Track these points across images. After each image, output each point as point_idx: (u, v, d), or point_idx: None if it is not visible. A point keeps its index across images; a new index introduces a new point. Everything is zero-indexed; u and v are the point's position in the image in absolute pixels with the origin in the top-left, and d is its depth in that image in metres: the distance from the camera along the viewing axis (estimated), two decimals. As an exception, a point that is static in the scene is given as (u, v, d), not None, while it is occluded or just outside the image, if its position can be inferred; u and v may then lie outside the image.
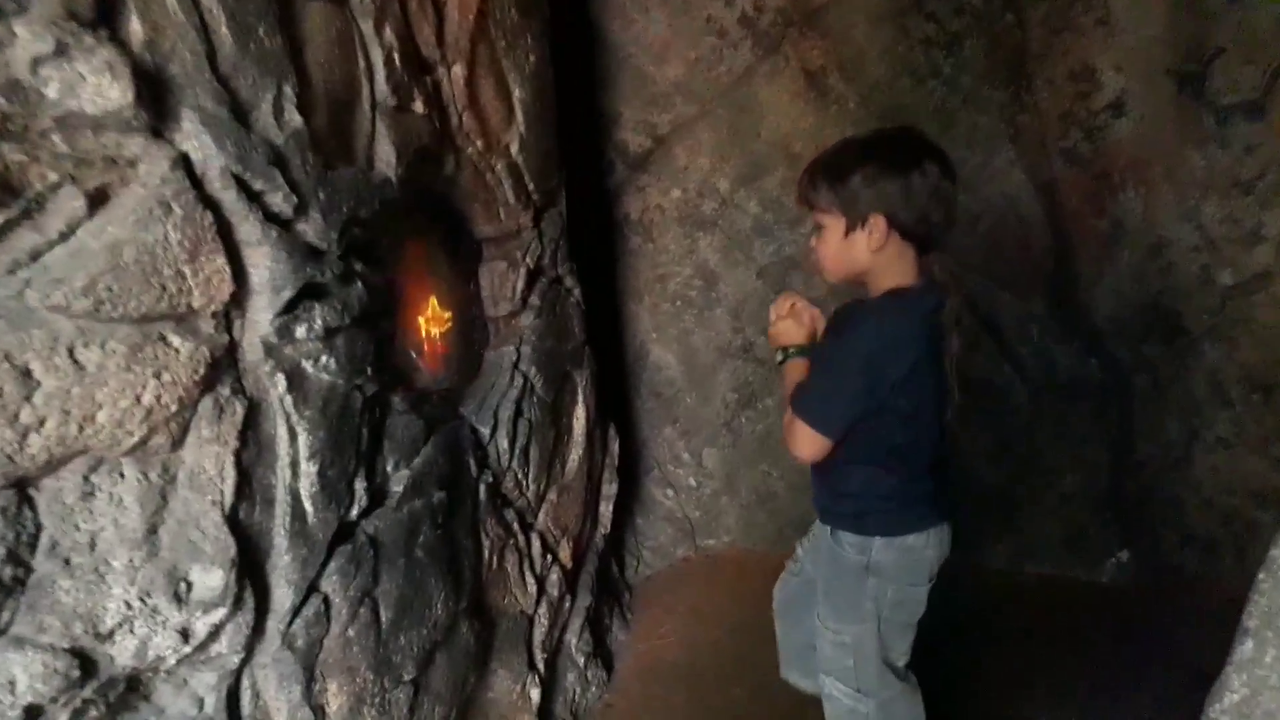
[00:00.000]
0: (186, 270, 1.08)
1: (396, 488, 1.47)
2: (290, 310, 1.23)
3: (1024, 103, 2.64)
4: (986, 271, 2.71)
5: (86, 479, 1.04)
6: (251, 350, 1.21)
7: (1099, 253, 2.67)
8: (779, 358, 1.60)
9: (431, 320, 1.74)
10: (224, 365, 1.17)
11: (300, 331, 1.25)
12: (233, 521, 1.16)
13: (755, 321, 3.00)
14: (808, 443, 1.43)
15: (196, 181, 1.10)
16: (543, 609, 2.04)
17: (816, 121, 2.85)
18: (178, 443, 1.12)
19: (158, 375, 1.07)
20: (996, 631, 2.57)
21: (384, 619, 1.41)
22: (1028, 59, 2.62)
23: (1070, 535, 2.88)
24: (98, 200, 1.03)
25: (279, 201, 1.19)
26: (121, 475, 1.07)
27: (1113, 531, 2.85)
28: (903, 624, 1.56)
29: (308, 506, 1.27)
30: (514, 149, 1.92)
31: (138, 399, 1.05)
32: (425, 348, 1.73)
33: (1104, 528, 2.85)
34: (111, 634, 1.05)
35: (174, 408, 1.09)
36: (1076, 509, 2.87)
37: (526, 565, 1.97)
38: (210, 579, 1.13)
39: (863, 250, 1.42)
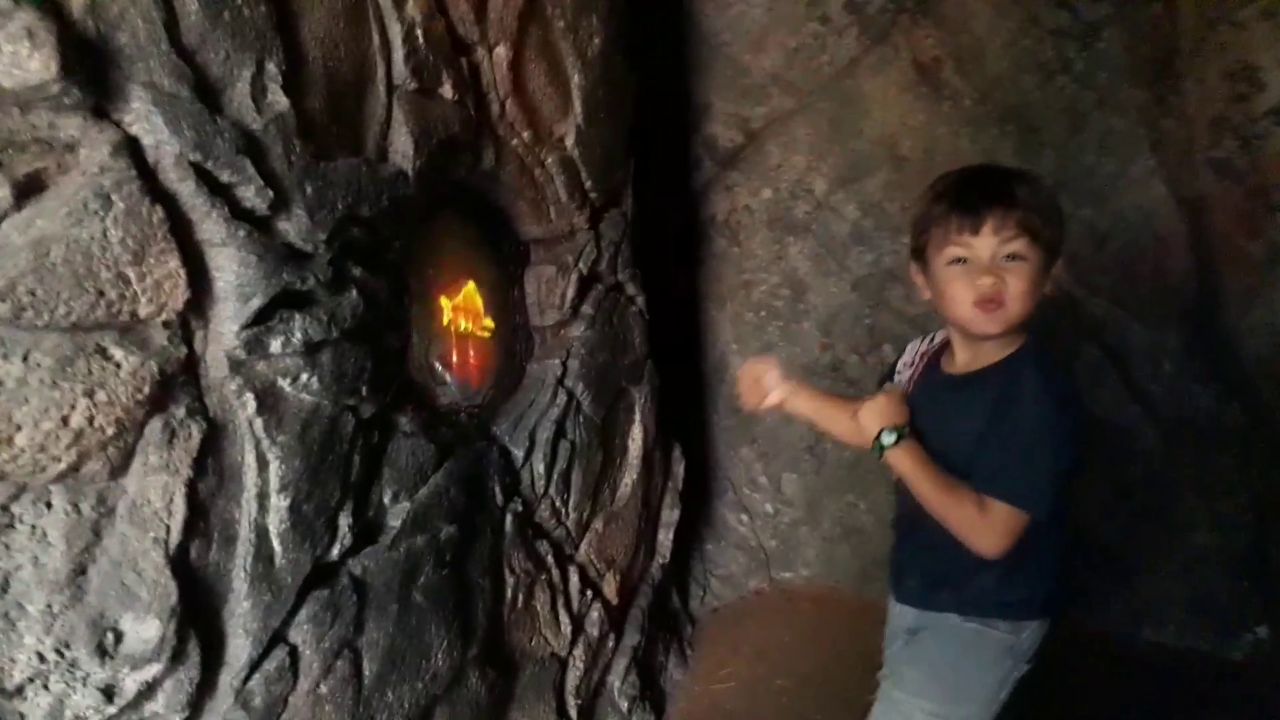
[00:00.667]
0: (130, 273, 0.93)
1: (394, 522, 1.30)
2: (262, 321, 1.07)
3: (1169, 105, 2.30)
4: (1114, 296, 2.37)
5: (5, 509, 0.90)
6: (216, 366, 1.05)
7: (1250, 280, 2.30)
8: (887, 440, 1.28)
9: (462, 330, 1.56)
10: (179, 382, 1.01)
11: (275, 345, 1.08)
12: (179, 562, 1.01)
13: (846, 338, 2.73)
14: (1011, 528, 1.19)
15: (147, 171, 0.94)
16: (579, 650, 1.85)
17: (927, 119, 2.56)
18: (118, 470, 0.97)
19: (90, 393, 0.92)
20: (1104, 705, 2.25)
21: (367, 672, 1.24)
22: (1176, 55, 2.28)
23: (1198, 601, 2.51)
24: (30, 189, 0.88)
25: (251, 196, 1.03)
26: (48, 506, 0.93)
27: (1251, 601, 2.46)
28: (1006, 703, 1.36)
29: (275, 545, 1.11)
30: (569, 142, 1.73)
31: (64, 420, 0.90)
32: (454, 360, 1.56)
33: (1240, 596, 2.47)
34: (20, 690, 0.91)
35: (111, 430, 0.94)
36: (1208, 572, 2.49)
37: (561, 602, 1.78)
38: (144, 629, 0.98)
39: (1039, 295, 1.24)
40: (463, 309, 1.57)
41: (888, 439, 1.28)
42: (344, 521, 1.20)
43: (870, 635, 2.64)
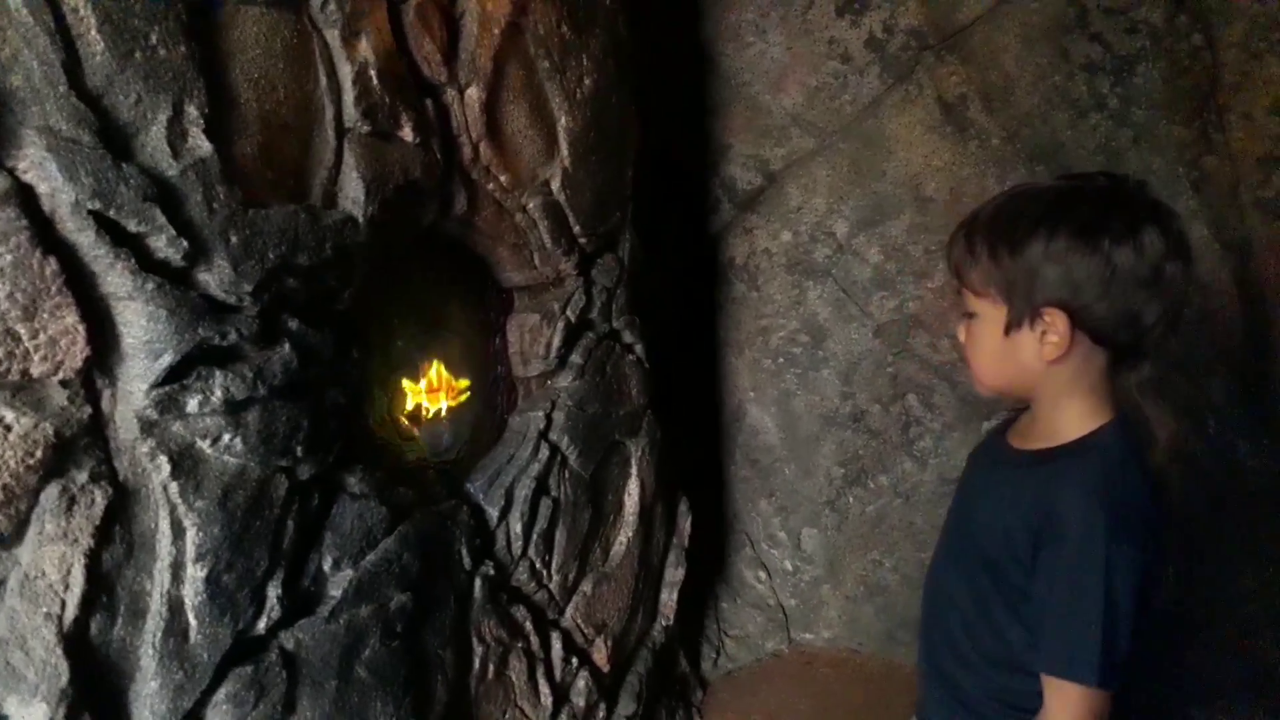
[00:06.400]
0: (20, 329, 0.87)
1: (335, 592, 1.22)
2: (177, 378, 1.00)
3: (1212, 142, 2.14)
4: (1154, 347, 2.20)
5: (-121, 581, 0.84)
6: (125, 427, 0.98)
7: (1303, 329, 2.11)
8: None
9: (430, 384, 1.49)
10: (81, 445, 0.94)
11: (192, 404, 1.01)
12: (74, 640, 0.94)
13: (868, 387, 2.59)
14: (1089, 710, 0.94)
15: (42, 220, 0.88)
16: (562, 722, 1.73)
17: (952, 159, 2.44)
18: (9, 540, 0.90)
19: (-27, 458, 0.86)
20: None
21: (299, 756, 1.14)
22: (1219, 89, 2.13)
23: (1253, 677, 2.29)
24: (-86, 240, 0.83)
25: (163, 246, 0.96)
26: (-72, 578, 0.87)
27: (1312, 679, 2.24)
28: None
29: (191, 619, 1.03)
30: (555, 185, 1.65)
31: (-57, 487, 0.84)
32: (421, 414, 1.49)
33: (1299, 673, 2.25)
34: (-115, 781, 0.83)
35: (-2, 497, 0.88)
36: (1264, 645, 2.27)
37: (541, 671, 1.67)
38: (30, 713, 0.91)
39: (1031, 357, 1.00)
40: (433, 389, 1.50)
41: None
42: (273, 592, 1.12)
43: (894, 703, 2.49)
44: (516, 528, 1.60)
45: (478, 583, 1.51)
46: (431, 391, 1.51)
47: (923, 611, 1.24)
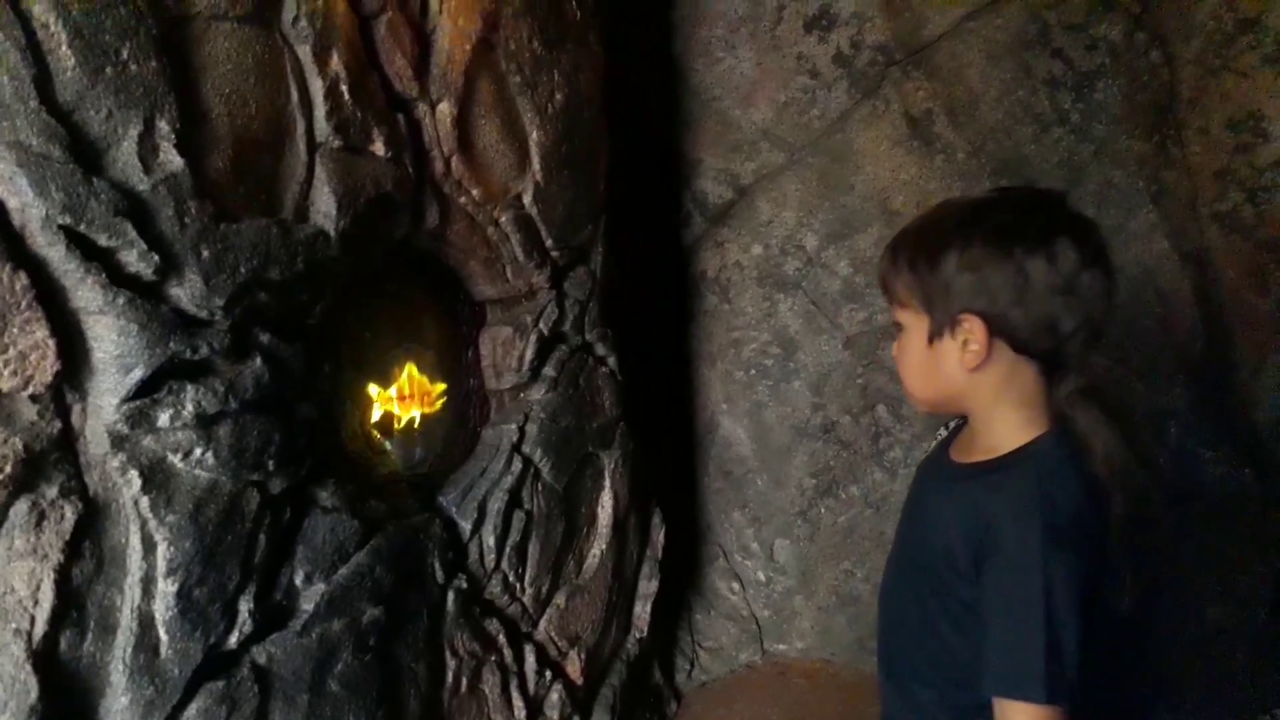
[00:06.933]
0: (-11, 344, 0.87)
1: (306, 606, 1.21)
2: (148, 393, 1.00)
3: (1170, 156, 2.19)
4: (1116, 355, 2.24)
5: None
6: (96, 442, 0.98)
7: (1261, 338, 2.16)
8: None
9: (401, 396, 1.49)
10: (51, 460, 0.94)
11: (163, 418, 1.01)
12: (44, 655, 0.93)
13: (839, 398, 2.61)
14: None
15: (12, 235, 0.88)
16: (536, 735, 1.73)
17: (919, 173, 2.48)
18: (-23, 555, 0.90)
19: (-59, 474, 0.85)
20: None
21: (271, 771, 1.14)
22: (1177, 104, 2.18)
23: (1215, 681, 2.33)
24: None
25: (134, 260, 0.97)
26: (-107, 595, 0.86)
27: (1269, 681, 2.28)
28: None
29: (161, 634, 1.03)
30: (526, 199, 1.67)
31: (-91, 503, 0.83)
32: (393, 427, 1.49)
33: (1259, 675, 2.29)
34: None
35: (-35, 513, 0.87)
36: (1225, 649, 2.32)
37: (515, 684, 1.67)
38: (-3, 731, 0.90)
39: (953, 366, 1.00)
40: (404, 396, 1.50)
41: None
42: (245, 606, 1.12)
43: (866, 712, 2.51)
44: (489, 540, 1.60)
45: (450, 596, 1.51)
46: (403, 399, 1.51)
47: (879, 623, 1.23)
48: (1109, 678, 1.06)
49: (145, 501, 1.01)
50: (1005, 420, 1.02)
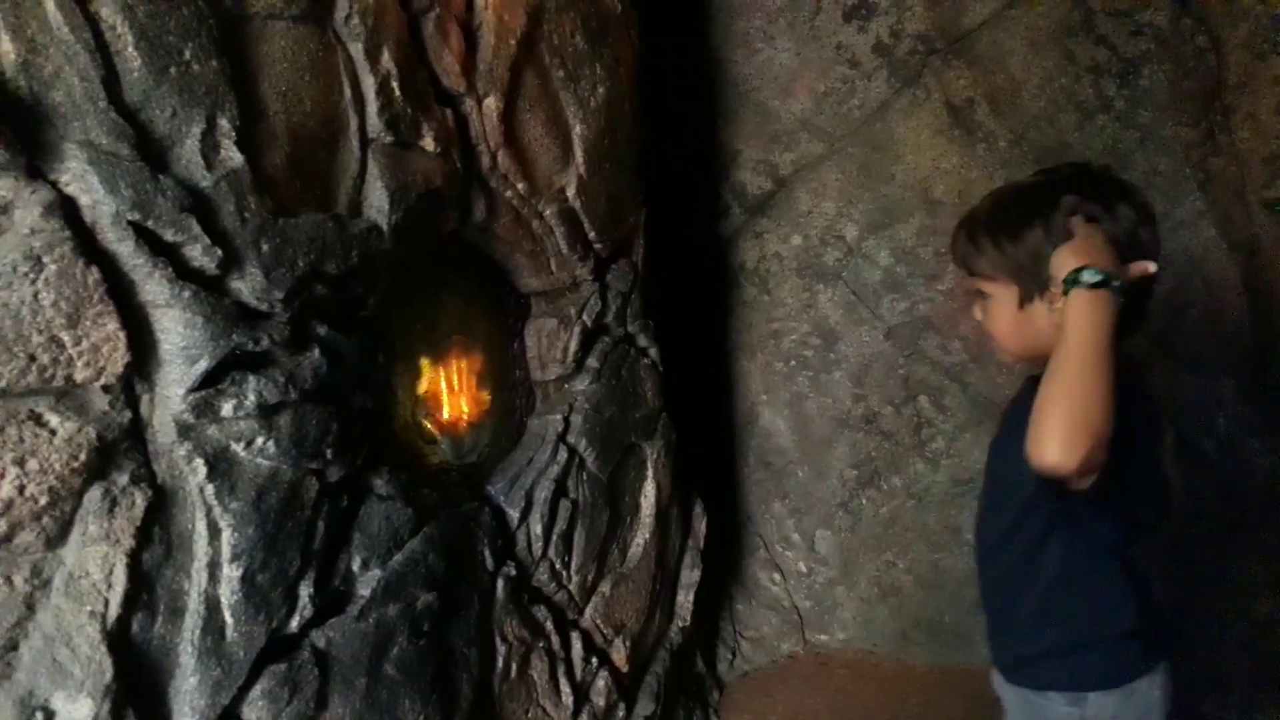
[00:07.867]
0: (65, 336, 0.90)
1: (364, 591, 1.24)
2: (213, 383, 1.03)
3: (1218, 143, 2.15)
4: (1163, 345, 2.21)
5: (-69, 581, 0.87)
6: (163, 431, 1.01)
7: (1310, 327, 2.13)
8: (1089, 278, 0.98)
9: (452, 387, 1.51)
10: (122, 448, 0.98)
11: (227, 408, 1.04)
12: (118, 637, 0.97)
13: (880, 389, 2.61)
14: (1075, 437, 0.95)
15: (84, 231, 0.91)
16: (583, 721, 1.76)
17: (960, 162, 2.46)
18: (55, 541, 0.94)
19: (21, 461, 0.89)
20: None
21: (331, 752, 1.17)
22: (1224, 90, 2.14)
23: (1266, 675, 2.29)
24: (-37, 252, 0.86)
25: (198, 255, 1.00)
26: (-22, 578, 0.90)
27: (1322, 676, 2.25)
28: None
29: (227, 618, 1.06)
30: (570, 192, 1.68)
31: (-8, 489, 0.87)
32: (444, 418, 1.51)
33: (1310, 670, 2.26)
34: (-61, 773, 0.86)
35: (44, 500, 0.91)
36: (1274, 642, 2.28)
37: (562, 671, 1.69)
38: (76, 708, 0.94)
39: (1044, 322, 1.11)
40: (452, 390, 1.53)
41: (1090, 277, 0.98)
42: (305, 591, 1.15)
43: (908, 703, 2.51)
44: (536, 529, 1.63)
45: (500, 583, 1.53)
46: (452, 391, 1.54)
47: (976, 556, 1.33)
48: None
49: (210, 489, 1.04)
50: None
